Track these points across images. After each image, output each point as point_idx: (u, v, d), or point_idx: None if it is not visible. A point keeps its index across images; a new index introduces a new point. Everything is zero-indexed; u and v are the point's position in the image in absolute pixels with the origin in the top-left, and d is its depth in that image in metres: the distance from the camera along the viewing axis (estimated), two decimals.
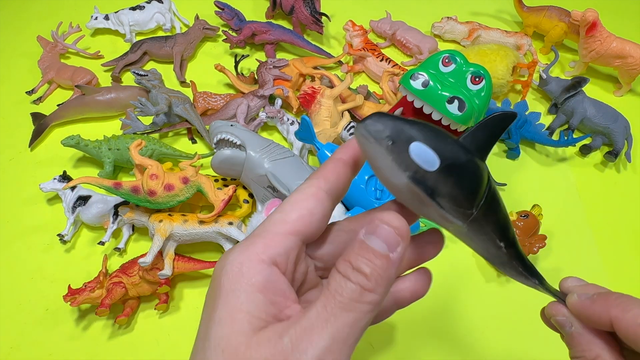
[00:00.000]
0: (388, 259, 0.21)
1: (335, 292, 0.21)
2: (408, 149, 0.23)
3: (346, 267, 0.21)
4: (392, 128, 0.23)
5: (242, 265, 0.22)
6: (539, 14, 0.93)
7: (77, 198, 0.62)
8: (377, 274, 0.21)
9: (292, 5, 0.90)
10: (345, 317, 0.20)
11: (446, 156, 0.23)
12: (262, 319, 0.21)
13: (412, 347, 0.58)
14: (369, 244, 0.21)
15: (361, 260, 0.21)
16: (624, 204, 0.75)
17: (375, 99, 0.79)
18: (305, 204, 0.24)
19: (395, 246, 0.22)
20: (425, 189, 0.23)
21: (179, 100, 0.73)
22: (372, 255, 0.21)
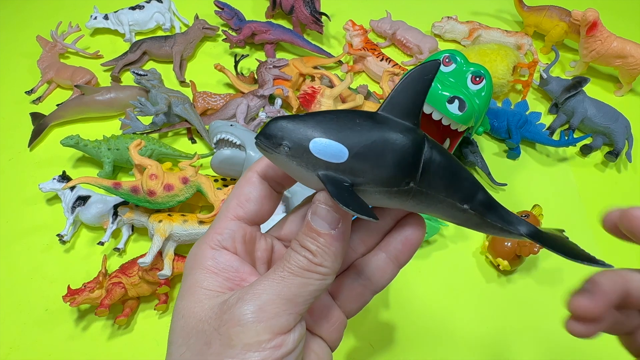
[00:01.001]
0: (330, 236, 0.23)
1: (286, 261, 0.24)
2: (309, 149, 0.22)
3: (295, 245, 0.24)
4: (287, 131, 0.22)
5: (196, 254, 0.25)
6: (540, 14, 0.93)
7: (77, 198, 0.62)
8: (322, 250, 0.23)
9: (292, 5, 0.90)
10: (292, 279, 0.23)
11: (353, 142, 0.22)
12: (219, 292, 0.24)
13: (412, 347, 0.58)
14: (312, 224, 0.23)
15: (307, 239, 0.23)
16: (624, 204, 0.74)
17: (375, 99, 0.79)
18: (241, 190, 0.26)
19: (336, 223, 0.23)
20: (341, 183, 0.22)
21: (179, 100, 0.72)
22: (315, 234, 0.23)
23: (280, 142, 0.22)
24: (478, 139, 0.79)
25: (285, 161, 0.23)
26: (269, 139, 0.22)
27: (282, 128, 0.22)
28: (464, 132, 0.63)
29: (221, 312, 0.22)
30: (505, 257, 0.61)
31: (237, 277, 0.25)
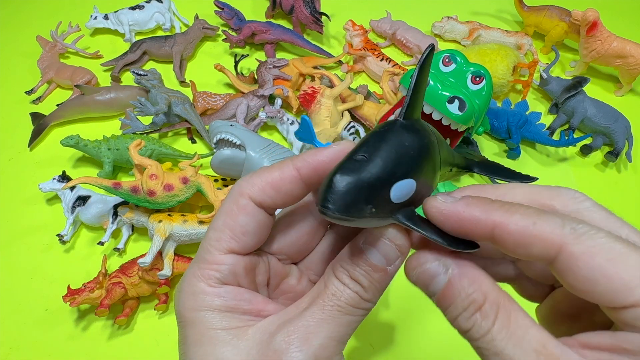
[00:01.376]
0: (386, 272, 0.22)
1: (334, 296, 0.21)
2: (391, 200, 0.20)
3: (344, 275, 0.22)
4: (368, 191, 0.19)
5: (195, 294, 0.22)
6: (540, 14, 0.93)
7: (77, 198, 0.62)
8: (374, 286, 0.22)
9: (292, 5, 0.90)
10: (343, 319, 0.21)
11: (415, 170, 0.21)
12: (240, 328, 0.22)
13: (412, 347, 0.58)
14: (368, 256, 0.21)
15: (359, 271, 0.21)
16: (624, 204, 0.74)
17: (375, 99, 0.79)
18: (236, 220, 0.22)
19: (394, 260, 0.22)
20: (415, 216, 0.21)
21: (179, 100, 0.72)
22: (371, 268, 0.21)
23: (363, 208, 0.19)
24: (478, 139, 0.79)
25: (364, 222, 0.20)
26: (349, 209, 0.19)
27: (359, 188, 0.19)
28: (464, 132, 0.63)
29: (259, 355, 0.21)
30: None
31: (253, 310, 0.23)
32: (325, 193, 0.19)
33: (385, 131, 0.21)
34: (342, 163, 0.20)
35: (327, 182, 0.19)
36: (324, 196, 0.19)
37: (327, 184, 0.19)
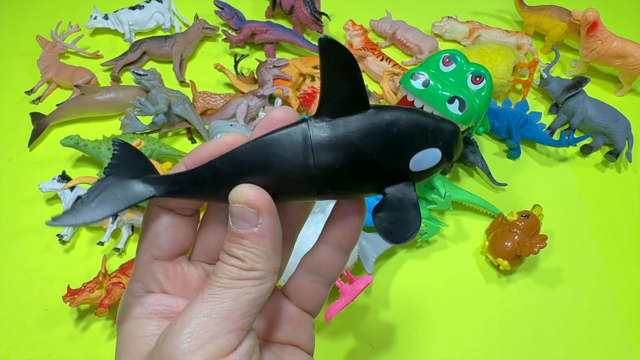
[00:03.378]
0: (254, 235, 0.21)
1: (214, 276, 0.21)
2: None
3: (222, 255, 0.22)
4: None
5: (122, 307, 0.24)
6: (540, 14, 0.93)
7: (77, 198, 0.62)
8: (249, 253, 0.21)
9: (292, 5, 0.90)
10: (225, 293, 0.20)
11: None
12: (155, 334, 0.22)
13: (412, 347, 0.58)
14: (233, 228, 0.21)
15: (232, 245, 0.21)
16: (624, 204, 0.74)
17: (375, 99, 0.79)
18: (147, 227, 0.24)
19: (255, 220, 0.21)
20: None
21: (179, 100, 0.72)
22: (239, 237, 0.21)
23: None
24: (478, 139, 0.79)
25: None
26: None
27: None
28: (464, 132, 0.63)
29: (152, 354, 0.20)
30: (505, 257, 0.61)
31: (174, 313, 0.23)
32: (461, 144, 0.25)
33: (399, 107, 0.23)
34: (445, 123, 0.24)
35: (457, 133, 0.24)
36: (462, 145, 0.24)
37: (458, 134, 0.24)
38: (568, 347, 0.59)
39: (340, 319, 0.59)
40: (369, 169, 0.22)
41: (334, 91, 0.22)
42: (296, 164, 0.21)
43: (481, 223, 0.70)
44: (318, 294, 0.27)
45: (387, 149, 0.22)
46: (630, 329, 0.61)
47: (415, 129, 0.22)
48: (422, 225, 0.63)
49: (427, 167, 0.23)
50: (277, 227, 0.22)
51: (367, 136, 0.22)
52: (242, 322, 0.20)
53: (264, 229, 0.21)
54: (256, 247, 0.21)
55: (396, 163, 0.23)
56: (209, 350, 0.19)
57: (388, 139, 0.22)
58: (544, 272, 0.65)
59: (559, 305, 0.63)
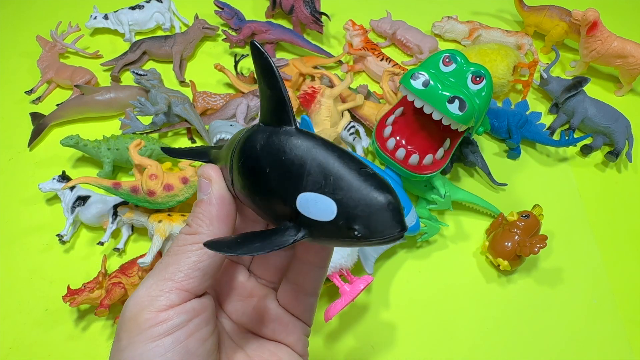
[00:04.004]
0: (202, 202, 0.24)
1: (169, 248, 0.24)
2: None
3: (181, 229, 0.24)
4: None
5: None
6: (540, 14, 0.93)
7: (76, 198, 0.62)
8: (197, 218, 0.23)
9: (292, 5, 0.90)
10: (170, 259, 0.23)
11: None
12: None
13: (412, 347, 0.58)
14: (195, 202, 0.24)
15: (189, 216, 0.24)
16: (624, 204, 0.74)
17: (375, 99, 0.79)
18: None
19: (206, 189, 0.24)
20: None
21: (179, 100, 0.72)
22: (194, 207, 0.24)
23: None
24: (478, 139, 0.79)
25: None
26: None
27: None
28: (464, 132, 0.63)
29: None
30: (505, 257, 0.61)
31: None
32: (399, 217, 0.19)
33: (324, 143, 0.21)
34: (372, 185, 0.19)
35: (394, 207, 0.19)
36: (401, 220, 0.19)
37: (395, 209, 0.19)
38: (568, 347, 0.59)
39: (340, 319, 0.59)
40: (262, 185, 0.21)
41: (262, 96, 0.23)
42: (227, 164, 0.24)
43: (481, 223, 0.70)
44: (301, 301, 0.28)
45: (280, 175, 0.21)
46: (630, 329, 0.61)
47: (316, 168, 0.20)
48: (422, 225, 0.63)
49: (317, 217, 0.20)
50: (224, 198, 0.24)
51: (270, 155, 0.21)
52: (184, 283, 0.22)
53: (211, 197, 0.23)
54: (202, 213, 0.23)
55: (283, 193, 0.20)
56: (152, 306, 0.21)
57: (284, 165, 0.20)
58: (544, 272, 0.65)
59: (559, 305, 0.63)
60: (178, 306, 0.22)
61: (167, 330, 0.21)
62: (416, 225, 0.62)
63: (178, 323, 0.21)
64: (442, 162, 0.62)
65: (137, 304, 0.22)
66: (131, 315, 0.22)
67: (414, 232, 0.62)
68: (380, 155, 0.63)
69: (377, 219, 0.19)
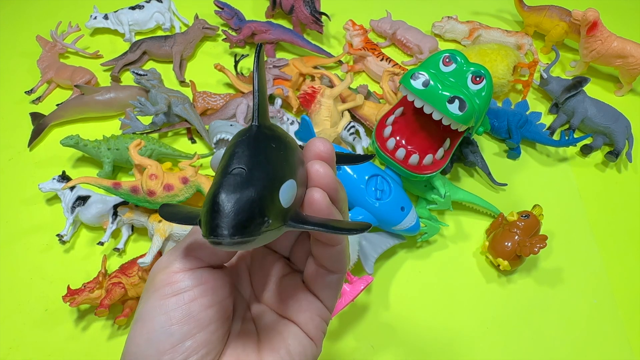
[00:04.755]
0: None
1: None
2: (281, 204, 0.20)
3: None
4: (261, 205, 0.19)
5: None
6: (540, 14, 0.93)
7: (76, 198, 0.62)
8: None
9: (292, 5, 0.90)
10: (190, 231, 0.26)
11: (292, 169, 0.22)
12: None
13: (412, 347, 0.58)
14: None
15: None
16: (624, 204, 0.74)
17: (375, 99, 0.79)
18: None
19: None
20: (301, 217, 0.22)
21: (179, 100, 0.72)
22: None
23: (260, 223, 0.18)
24: (478, 139, 0.79)
25: (261, 240, 0.19)
26: (246, 229, 0.18)
27: (251, 202, 0.18)
28: (464, 132, 0.63)
29: None
30: (505, 257, 0.61)
31: None
32: (213, 220, 0.18)
33: (248, 138, 0.21)
34: (220, 181, 0.19)
35: (211, 207, 0.18)
36: (213, 223, 0.18)
37: (212, 209, 0.18)
38: (568, 347, 0.59)
39: (340, 319, 0.59)
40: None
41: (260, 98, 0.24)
42: None
43: (481, 223, 0.70)
44: (320, 278, 0.27)
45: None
46: (630, 329, 0.61)
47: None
48: (422, 225, 0.63)
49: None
50: None
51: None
52: (198, 252, 0.24)
53: None
54: None
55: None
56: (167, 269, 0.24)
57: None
58: (544, 272, 0.65)
59: (559, 305, 0.63)
60: (188, 271, 0.24)
61: (174, 291, 0.23)
62: (416, 225, 0.62)
63: (184, 286, 0.23)
64: (442, 162, 0.62)
65: (158, 265, 0.24)
66: (152, 275, 0.24)
67: (414, 232, 0.62)
68: (380, 155, 0.63)
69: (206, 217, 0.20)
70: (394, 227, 0.61)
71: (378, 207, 0.60)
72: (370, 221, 0.60)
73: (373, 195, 0.60)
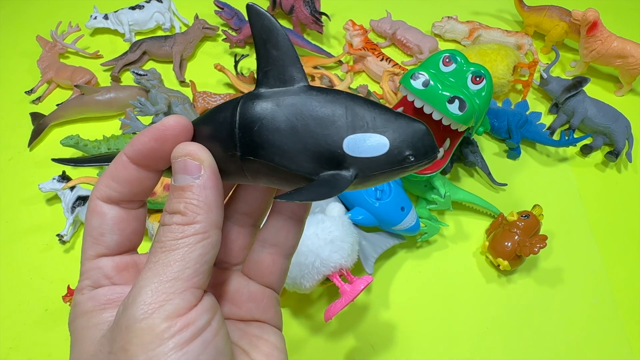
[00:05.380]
0: (196, 185, 0.21)
1: (157, 241, 0.21)
2: None
3: (163, 216, 0.21)
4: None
5: (74, 307, 0.23)
6: (540, 14, 0.93)
7: (77, 198, 0.62)
8: (191, 205, 0.21)
9: (292, 5, 0.90)
10: (170, 256, 0.20)
11: None
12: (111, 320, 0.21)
13: (412, 347, 0.58)
14: (175, 184, 0.21)
15: (173, 201, 0.21)
16: (624, 204, 0.74)
17: (375, 99, 0.79)
18: (90, 224, 0.23)
19: (197, 171, 0.21)
20: None
21: (179, 100, 0.72)
22: (181, 191, 0.21)
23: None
24: (478, 139, 0.79)
25: None
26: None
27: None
28: (464, 132, 0.63)
29: (110, 332, 0.20)
30: (505, 257, 0.61)
31: None
32: (435, 140, 0.22)
33: (344, 92, 0.22)
34: (408, 119, 0.21)
35: (432, 133, 0.22)
36: (436, 143, 0.22)
37: (432, 134, 0.22)
38: (568, 347, 0.59)
39: (340, 319, 0.59)
40: (296, 145, 0.21)
41: (264, 60, 0.22)
42: (224, 137, 0.22)
43: (481, 223, 0.70)
44: (277, 266, 0.26)
45: (316, 126, 0.21)
46: (630, 329, 0.61)
47: (354, 113, 0.21)
48: (422, 225, 0.63)
49: (369, 154, 0.21)
50: (218, 180, 0.22)
51: (295, 111, 0.21)
52: (195, 281, 0.20)
53: (205, 180, 0.21)
54: (197, 198, 0.21)
55: (325, 142, 0.21)
56: (166, 311, 0.19)
57: (318, 115, 0.21)
58: (544, 272, 0.65)
59: (559, 305, 0.63)
60: (197, 306, 0.20)
61: (195, 333, 0.19)
62: (416, 225, 0.62)
63: (203, 324, 0.20)
64: (442, 162, 0.62)
65: (146, 312, 0.19)
66: (143, 326, 0.18)
67: (414, 232, 0.62)
68: None
69: (424, 142, 0.21)
70: (394, 227, 0.61)
71: (378, 207, 0.60)
72: (370, 221, 0.60)
73: (373, 195, 0.60)
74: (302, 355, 0.56)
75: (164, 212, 0.22)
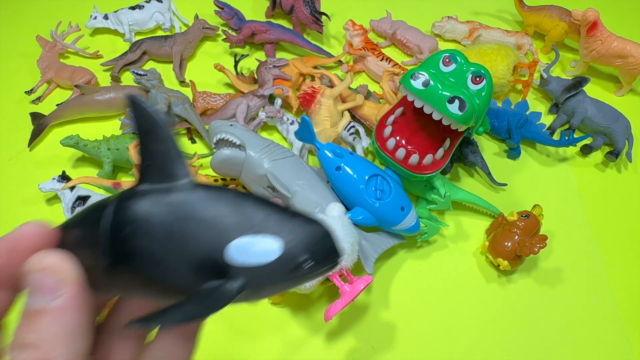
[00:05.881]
0: (54, 309, 0.17)
1: None
2: None
3: (12, 350, 0.17)
4: None
5: None
6: (540, 14, 0.93)
7: (77, 198, 0.62)
8: (47, 335, 0.16)
9: (292, 5, 0.90)
10: None
11: None
12: None
13: (412, 347, 0.58)
14: (28, 306, 0.17)
15: (23, 330, 0.17)
16: (624, 204, 0.74)
17: (375, 99, 0.79)
18: None
19: (55, 290, 0.17)
20: None
21: (179, 100, 0.72)
22: (34, 317, 0.17)
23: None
24: (478, 139, 0.79)
25: None
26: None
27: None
28: (464, 132, 0.63)
29: None
30: (505, 257, 0.61)
31: None
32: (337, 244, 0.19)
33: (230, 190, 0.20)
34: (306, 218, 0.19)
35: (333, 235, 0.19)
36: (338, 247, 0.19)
37: (334, 237, 0.19)
38: (568, 347, 0.59)
39: (340, 319, 0.59)
40: (171, 252, 0.18)
41: (146, 154, 0.20)
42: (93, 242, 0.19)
43: (481, 223, 0.70)
44: None
45: (196, 229, 0.18)
46: (630, 329, 0.61)
47: (242, 213, 0.18)
48: (422, 225, 0.63)
49: (257, 260, 0.18)
50: (84, 299, 0.17)
51: (173, 211, 0.19)
52: None
53: (66, 300, 0.17)
54: (56, 325, 0.17)
55: (206, 248, 0.18)
56: None
57: (199, 217, 0.18)
58: (544, 272, 0.65)
59: (559, 305, 0.63)
60: None
61: None
62: (416, 225, 0.62)
63: None
64: (442, 162, 0.62)
65: None
66: None
67: (414, 232, 0.62)
68: (380, 155, 0.63)
69: (323, 246, 0.19)
70: (394, 227, 0.61)
71: (378, 207, 0.60)
72: (370, 221, 0.60)
73: (373, 195, 0.60)
74: (302, 355, 0.56)
75: (12, 344, 0.17)
